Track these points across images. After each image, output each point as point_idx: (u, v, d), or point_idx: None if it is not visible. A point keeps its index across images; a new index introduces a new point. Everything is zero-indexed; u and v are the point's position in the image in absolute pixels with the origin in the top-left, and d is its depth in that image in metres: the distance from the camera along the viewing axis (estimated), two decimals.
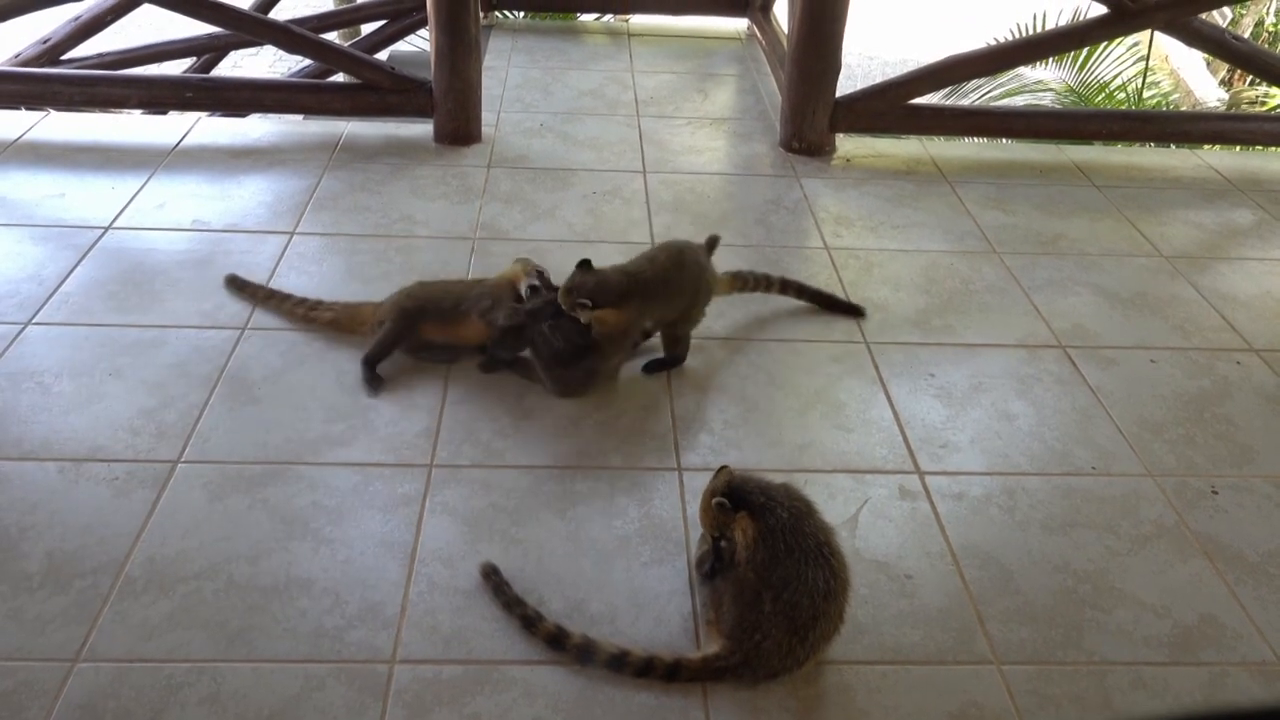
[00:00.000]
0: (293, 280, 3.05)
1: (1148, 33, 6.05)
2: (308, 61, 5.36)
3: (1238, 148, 4.87)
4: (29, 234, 3.25)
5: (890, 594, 2.13)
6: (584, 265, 2.57)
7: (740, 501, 1.93)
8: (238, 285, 2.97)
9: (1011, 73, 6.77)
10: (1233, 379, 2.88)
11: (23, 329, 2.78)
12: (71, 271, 3.04)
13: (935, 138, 4.37)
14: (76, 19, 4.58)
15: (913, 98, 4.08)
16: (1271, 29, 9.48)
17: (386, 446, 2.44)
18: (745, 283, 2.95)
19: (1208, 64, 9.71)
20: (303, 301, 2.87)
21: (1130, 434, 2.63)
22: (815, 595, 1.85)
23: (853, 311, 3.04)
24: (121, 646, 1.92)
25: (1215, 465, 2.55)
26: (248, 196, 3.54)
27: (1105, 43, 6.68)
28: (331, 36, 5.47)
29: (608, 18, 6.33)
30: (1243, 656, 2.04)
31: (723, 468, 2.04)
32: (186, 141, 3.90)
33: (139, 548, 2.13)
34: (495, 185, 3.71)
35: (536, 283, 2.67)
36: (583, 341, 2.56)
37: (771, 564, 1.87)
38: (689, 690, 1.89)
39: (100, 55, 4.86)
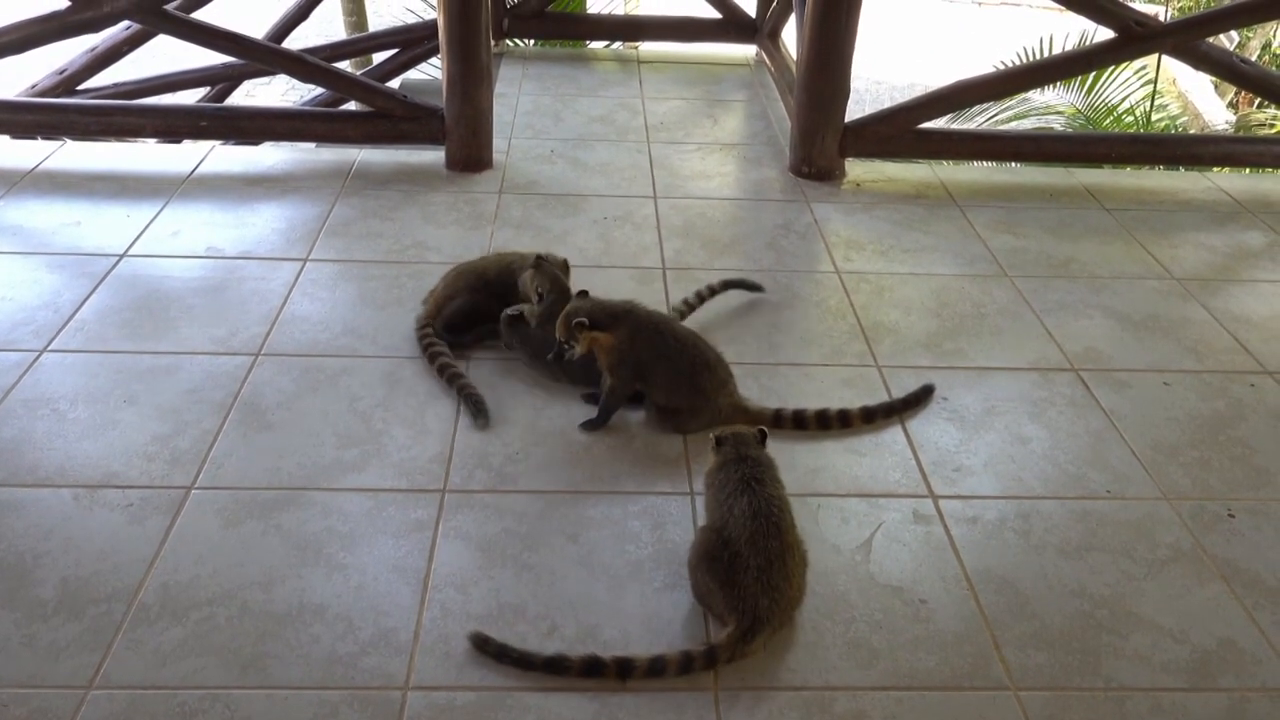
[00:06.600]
0: (305, 307, 3.07)
1: (1155, 56, 6.06)
2: (320, 90, 5.42)
3: (1247, 170, 4.87)
4: (45, 262, 3.28)
5: (905, 619, 2.12)
6: (581, 294, 2.61)
7: None
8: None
9: (1019, 96, 6.79)
10: (1247, 401, 2.86)
11: (38, 356, 2.80)
12: (87, 299, 3.07)
13: (944, 162, 4.37)
14: (92, 50, 4.65)
15: (921, 122, 4.10)
16: (1279, 51, 9.49)
17: (399, 472, 2.45)
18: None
19: (1215, 87, 9.73)
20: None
21: (1145, 457, 2.62)
22: (766, 524, 2.02)
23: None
24: (135, 674, 1.92)
25: (1231, 488, 2.54)
26: (261, 224, 3.56)
27: (1113, 66, 6.70)
28: (344, 65, 5.52)
29: (617, 45, 6.38)
30: (1263, 682, 2.02)
31: None
32: (201, 170, 3.94)
33: (153, 574, 2.13)
34: (507, 211, 3.73)
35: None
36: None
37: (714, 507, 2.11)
38: (703, 716, 1.89)
39: (116, 85, 4.92)
